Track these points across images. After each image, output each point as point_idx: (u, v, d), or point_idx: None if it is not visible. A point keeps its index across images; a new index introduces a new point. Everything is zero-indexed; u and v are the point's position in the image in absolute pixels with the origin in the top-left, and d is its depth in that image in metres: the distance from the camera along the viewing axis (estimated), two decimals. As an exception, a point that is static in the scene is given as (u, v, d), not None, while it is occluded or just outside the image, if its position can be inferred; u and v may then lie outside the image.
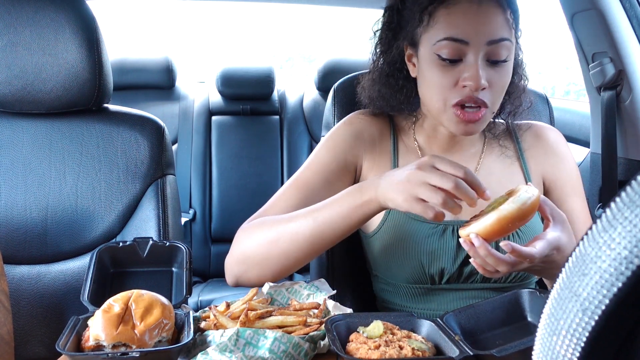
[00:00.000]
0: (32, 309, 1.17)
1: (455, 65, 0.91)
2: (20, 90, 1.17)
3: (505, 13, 0.90)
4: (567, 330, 0.27)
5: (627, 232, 0.24)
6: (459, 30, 0.89)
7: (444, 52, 0.91)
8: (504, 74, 0.92)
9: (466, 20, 0.89)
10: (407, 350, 0.73)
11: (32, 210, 1.20)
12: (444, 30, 0.91)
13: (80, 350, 0.76)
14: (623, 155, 1.38)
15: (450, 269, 0.98)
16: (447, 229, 0.98)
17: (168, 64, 2.59)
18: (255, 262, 0.96)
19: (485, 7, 0.89)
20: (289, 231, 0.93)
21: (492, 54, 0.90)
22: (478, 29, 0.89)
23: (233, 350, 0.74)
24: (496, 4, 0.90)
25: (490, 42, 0.89)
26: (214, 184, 2.49)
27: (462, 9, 0.90)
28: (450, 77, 0.91)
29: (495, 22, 0.89)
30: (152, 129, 1.24)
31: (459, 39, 0.89)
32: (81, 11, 1.17)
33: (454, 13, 0.90)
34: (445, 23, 0.91)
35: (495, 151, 1.07)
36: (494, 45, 0.89)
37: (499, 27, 0.89)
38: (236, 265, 0.99)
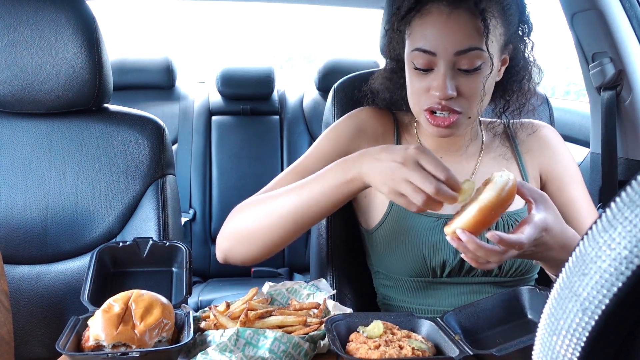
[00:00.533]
0: (32, 309, 1.17)
1: (427, 74, 0.94)
2: (20, 90, 1.17)
3: (477, 21, 0.89)
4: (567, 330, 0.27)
5: (627, 232, 0.24)
6: (427, 41, 0.92)
7: (416, 62, 0.94)
8: (476, 81, 0.93)
9: (434, 31, 0.91)
10: (407, 350, 0.73)
11: (32, 210, 1.20)
12: (416, 41, 0.93)
13: (80, 350, 0.76)
14: (623, 155, 1.38)
15: (452, 261, 0.99)
16: None
17: (168, 64, 2.59)
18: (243, 238, 0.97)
19: (454, 17, 0.90)
20: (275, 207, 0.93)
21: (461, 63, 0.91)
22: (445, 40, 0.90)
23: (233, 350, 0.74)
24: (467, 13, 0.90)
25: (458, 52, 0.90)
26: (214, 184, 2.49)
27: (432, 20, 0.91)
28: (423, 84, 0.95)
29: (462, 32, 0.90)
30: (152, 129, 1.24)
31: (427, 51, 0.92)
32: (81, 11, 1.17)
33: (426, 24, 0.92)
34: (417, 34, 0.93)
35: (494, 150, 1.09)
36: (462, 55, 0.90)
37: (466, 37, 0.90)
38: (225, 241, 0.99)
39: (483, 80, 0.93)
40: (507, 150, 1.09)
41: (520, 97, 1.04)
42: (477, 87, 0.93)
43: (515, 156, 1.09)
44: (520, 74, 1.02)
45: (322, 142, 1.08)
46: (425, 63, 0.93)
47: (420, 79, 0.95)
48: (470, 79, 0.93)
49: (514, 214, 1.01)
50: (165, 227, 1.21)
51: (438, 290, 1.02)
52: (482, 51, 0.90)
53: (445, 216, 0.99)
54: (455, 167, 1.05)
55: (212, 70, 2.65)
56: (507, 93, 1.04)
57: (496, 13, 0.92)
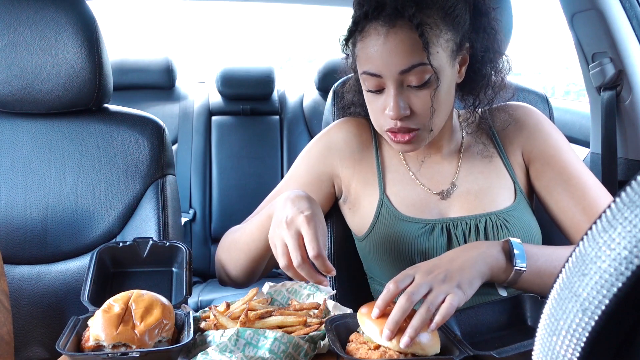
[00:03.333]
0: (32, 309, 1.17)
1: (380, 94, 0.93)
2: (20, 90, 1.17)
3: (415, 36, 0.86)
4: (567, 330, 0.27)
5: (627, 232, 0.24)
6: (371, 64, 0.90)
7: (367, 84, 0.93)
8: (428, 95, 0.90)
9: (375, 54, 0.89)
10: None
11: (32, 210, 1.20)
12: (362, 64, 0.92)
13: (80, 351, 0.76)
14: (623, 155, 1.38)
15: None
16: (436, 227, 0.98)
17: (168, 64, 2.59)
18: (223, 267, 1.08)
19: (392, 36, 0.87)
20: (235, 240, 1.04)
21: (408, 80, 0.89)
22: (387, 61, 0.88)
23: (233, 350, 0.74)
24: (404, 29, 0.86)
25: (402, 71, 0.88)
26: (214, 184, 2.49)
27: (372, 42, 0.89)
28: (378, 105, 0.94)
29: (401, 51, 0.87)
30: (152, 129, 1.24)
31: (373, 73, 0.90)
32: (81, 11, 1.17)
33: (367, 46, 0.90)
34: (362, 57, 0.92)
35: (474, 145, 1.06)
36: (408, 73, 0.88)
37: (407, 54, 0.87)
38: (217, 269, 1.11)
39: (436, 93, 0.91)
40: (487, 142, 1.06)
41: (488, 92, 1.01)
42: (434, 101, 0.91)
43: (496, 148, 1.06)
44: (482, 70, 0.98)
45: (297, 164, 1.12)
46: (374, 85, 0.92)
47: (375, 99, 0.94)
48: (422, 93, 0.91)
49: (502, 213, 0.98)
50: (165, 227, 1.21)
51: None
52: (427, 65, 0.88)
53: (434, 221, 0.99)
54: (438, 168, 1.04)
55: (212, 70, 2.65)
56: (474, 91, 1.01)
57: (438, 21, 0.88)
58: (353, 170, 1.07)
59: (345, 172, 1.07)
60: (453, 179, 1.03)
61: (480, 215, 0.99)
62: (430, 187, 1.03)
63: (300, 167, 1.11)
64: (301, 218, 0.83)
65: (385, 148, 1.09)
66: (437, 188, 1.03)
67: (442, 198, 1.02)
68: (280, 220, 0.86)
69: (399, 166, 1.06)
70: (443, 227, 0.98)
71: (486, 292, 1.00)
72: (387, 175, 1.06)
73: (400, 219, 1.00)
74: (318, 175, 1.08)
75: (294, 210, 0.85)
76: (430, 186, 1.03)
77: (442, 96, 0.92)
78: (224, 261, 1.07)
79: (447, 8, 0.89)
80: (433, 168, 1.05)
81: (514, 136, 1.06)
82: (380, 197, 1.03)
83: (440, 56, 0.89)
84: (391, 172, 1.06)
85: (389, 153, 1.08)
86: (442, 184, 1.03)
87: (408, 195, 1.03)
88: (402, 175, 1.05)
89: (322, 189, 1.08)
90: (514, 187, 1.02)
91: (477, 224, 0.98)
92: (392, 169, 1.06)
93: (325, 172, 1.08)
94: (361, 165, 1.07)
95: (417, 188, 1.03)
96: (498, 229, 0.97)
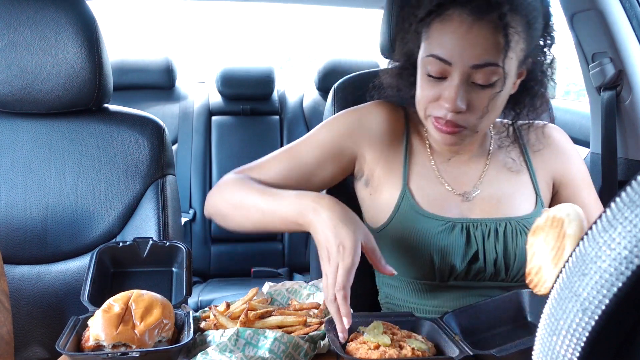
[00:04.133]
0: (32, 309, 1.17)
1: (439, 82, 0.91)
2: (21, 90, 1.17)
3: (498, 36, 0.86)
4: (567, 330, 0.27)
5: (627, 232, 0.24)
6: (444, 50, 0.88)
7: (430, 68, 0.91)
8: (488, 97, 0.90)
9: (453, 40, 0.87)
10: (407, 350, 0.73)
11: (32, 210, 1.20)
12: (432, 47, 0.90)
13: (80, 350, 0.76)
14: (623, 155, 1.38)
15: (460, 266, 0.98)
16: (456, 226, 0.98)
17: (168, 64, 2.59)
18: (220, 215, 1.02)
19: (476, 29, 0.86)
20: (245, 205, 0.96)
21: (476, 77, 0.88)
22: (463, 52, 0.87)
23: (233, 350, 0.74)
24: (489, 25, 0.86)
25: (475, 66, 0.87)
26: (214, 184, 2.49)
27: (453, 28, 0.87)
28: (434, 92, 0.92)
29: (481, 46, 0.86)
30: (152, 129, 1.24)
31: (443, 59, 0.88)
32: (81, 11, 1.17)
33: (445, 30, 0.88)
34: (435, 40, 0.90)
35: (502, 154, 1.07)
36: (478, 69, 0.87)
37: (485, 51, 0.86)
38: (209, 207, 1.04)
39: (496, 96, 0.90)
40: (516, 154, 1.07)
41: (531, 112, 1.01)
42: (490, 104, 0.90)
43: (526, 161, 1.06)
44: (534, 89, 0.99)
45: (321, 130, 1.06)
46: (439, 71, 0.90)
47: (432, 86, 0.92)
48: (483, 93, 0.90)
49: (522, 220, 0.99)
50: (165, 227, 1.21)
51: (443, 293, 1.01)
52: (499, 67, 0.87)
53: (454, 220, 0.98)
54: (463, 169, 1.04)
55: (212, 70, 2.65)
56: (518, 106, 1.01)
57: (520, 28, 0.87)
58: (380, 155, 1.04)
59: (372, 155, 1.04)
60: (477, 182, 1.03)
61: (501, 219, 0.99)
62: (454, 187, 1.02)
63: (323, 133, 1.06)
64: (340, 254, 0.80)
65: (414, 140, 1.06)
66: (461, 189, 1.02)
67: (464, 199, 1.01)
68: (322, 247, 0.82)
69: (426, 161, 1.04)
70: (463, 226, 0.98)
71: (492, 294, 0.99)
72: (412, 168, 1.04)
73: (421, 214, 0.99)
74: (341, 147, 1.04)
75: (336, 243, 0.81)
76: (453, 186, 1.02)
77: (499, 101, 0.92)
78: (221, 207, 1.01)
79: (531, 18, 0.89)
80: (459, 168, 1.04)
81: (548, 158, 1.06)
82: (403, 189, 1.01)
83: (512, 62, 0.89)
84: (417, 165, 1.04)
85: (418, 146, 1.06)
86: (466, 185, 1.03)
87: (431, 192, 1.01)
88: (428, 170, 1.03)
89: (340, 162, 1.05)
90: (536, 199, 1.03)
91: (497, 227, 0.98)
92: (418, 162, 1.04)
93: (350, 147, 1.04)
94: (389, 153, 1.04)
95: (440, 186, 1.02)
96: (517, 234, 0.97)
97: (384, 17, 1.23)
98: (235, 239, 2.49)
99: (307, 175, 1.03)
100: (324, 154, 1.04)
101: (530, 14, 0.89)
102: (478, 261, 0.97)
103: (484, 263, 0.97)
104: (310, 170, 1.03)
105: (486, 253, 0.97)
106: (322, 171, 1.04)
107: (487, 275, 0.99)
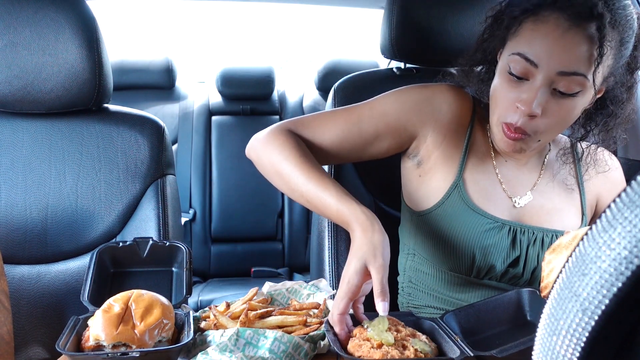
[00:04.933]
0: (32, 309, 1.17)
1: (520, 83, 0.88)
2: (20, 90, 1.17)
3: (592, 47, 0.82)
4: (567, 330, 0.27)
5: (627, 232, 0.24)
6: (533, 50, 0.86)
7: (513, 66, 0.88)
8: (567, 107, 0.87)
9: (544, 42, 0.85)
10: (409, 352, 0.73)
11: (32, 210, 1.20)
12: (521, 45, 0.87)
13: (80, 350, 0.76)
14: (623, 155, 1.38)
15: (500, 267, 0.97)
16: (504, 227, 0.97)
17: (168, 64, 2.59)
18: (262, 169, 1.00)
19: (571, 35, 0.83)
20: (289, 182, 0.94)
21: (559, 84, 0.85)
22: (552, 56, 0.84)
23: (233, 350, 0.74)
24: (584, 34, 0.82)
25: (561, 72, 0.84)
26: (214, 184, 2.49)
27: (546, 30, 0.85)
28: (512, 94, 0.89)
29: (573, 54, 0.83)
30: (152, 129, 1.24)
31: (530, 59, 0.86)
32: (81, 11, 1.17)
33: (537, 31, 0.86)
34: (525, 38, 0.87)
35: (557, 169, 1.05)
36: (564, 77, 0.84)
37: (575, 60, 0.83)
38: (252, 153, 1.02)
39: (574, 108, 0.88)
40: (570, 176, 1.05)
41: (602, 133, 0.99)
42: (565, 114, 0.88)
43: (578, 180, 1.05)
44: (609, 108, 0.95)
45: (387, 99, 1.03)
46: (522, 71, 0.87)
47: (511, 87, 0.89)
48: (562, 103, 0.87)
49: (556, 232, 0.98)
50: (165, 227, 1.21)
51: (473, 289, 1.01)
52: (586, 79, 0.84)
53: (503, 221, 0.97)
54: (518, 173, 1.02)
55: (212, 70, 2.65)
56: (589, 123, 0.99)
57: (613, 43, 0.85)
58: (443, 140, 1.01)
59: (434, 137, 1.01)
60: (530, 189, 1.02)
61: (549, 230, 0.98)
62: (507, 188, 1.01)
63: (390, 104, 1.02)
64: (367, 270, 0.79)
65: (477, 132, 1.04)
66: (513, 192, 1.01)
67: (516, 203, 1.00)
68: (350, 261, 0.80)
69: (486, 155, 1.02)
70: (511, 229, 0.97)
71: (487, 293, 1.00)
72: (470, 159, 1.01)
73: (470, 208, 0.97)
74: (405, 123, 1.01)
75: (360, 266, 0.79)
76: (507, 187, 1.01)
77: (574, 113, 0.90)
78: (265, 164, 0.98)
79: (625, 37, 0.86)
80: (514, 171, 1.03)
81: (598, 182, 1.06)
82: (457, 178, 0.99)
83: (598, 77, 0.86)
84: (476, 157, 1.02)
85: (480, 139, 1.03)
86: (519, 189, 1.01)
87: (485, 187, 1.00)
88: (486, 165, 1.02)
89: (400, 137, 1.02)
90: (582, 219, 1.03)
91: (544, 237, 0.97)
92: (478, 155, 1.02)
93: (414, 124, 1.01)
94: (451, 138, 1.01)
95: (495, 183, 1.01)
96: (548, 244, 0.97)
97: (384, 17, 1.24)
98: (235, 239, 2.49)
99: (364, 144, 1.01)
100: (386, 126, 1.01)
101: (626, 32, 0.86)
102: (518, 266, 0.97)
103: (523, 269, 0.97)
104: (367, 139, 1.01)
105: (528, 260, 0.97)
106: (380, 143, 1.01)
107: (523, 281, 0.99)
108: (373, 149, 1.02)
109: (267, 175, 0.99)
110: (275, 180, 0.98)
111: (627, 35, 0.87)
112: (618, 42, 0.86)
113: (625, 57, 0.89)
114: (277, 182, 0.98)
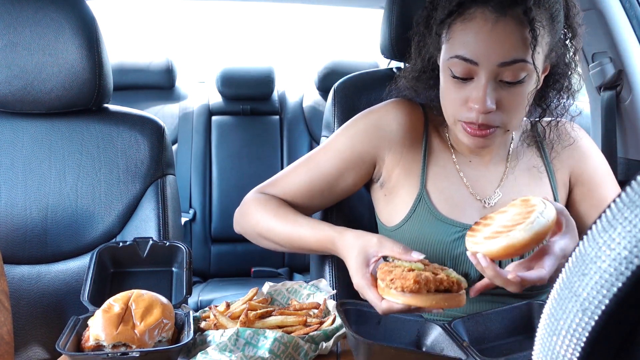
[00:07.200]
0: (32, 309, 1.17)
1: (466, 83, 0.88)
2: (20, 90, 1.17)
3: (524, 31, 0.83)
4: (567, 330, 0.27)
5: (627, 232, 0.24)
6: (469, 50, 0.86)
7: (455, 70, 0.88)
8: (518, 94, 0.88)
9: (478, 40, 0.85)
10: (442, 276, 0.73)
11: (32, 210, 1.20)
12: (456, 48, 0.88)
13: (80, 350, 0.76)
14: (623, 155, 1.38)
15: (474, 274, 0.95)
16: None
17: (168, 65, 2.59)
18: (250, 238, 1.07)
19: (501, 26, 0.83)
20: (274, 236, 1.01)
21: (504, 75, 0.86)
22: (489, 50, 0.84)
23: (233, 350, 0.74)
24: (514, 22, 0.83)
25: (502, 64, 0.84)
26: (214, 184, 2.49)
27: (476, 27, 0.85)
28: (461, 94, 0.89)
29: (508, 43, 0.84)
30: (152, 129, 1.24)
31: (469, 59, 0.86)
32: (81, 11, 1.17)
33: (468, 30, 0.86)
34: (458, 40, 0.87)
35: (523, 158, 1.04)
36: (506, 67, 0.85)
37: (512, 47, 0.84)
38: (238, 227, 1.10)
39: (525, 93, 0.88)
40: (535, 155, 1.04)
41: (559, 107, 0.99)
42: (519, 101, 0.88)
43: (544, 162, 1.03)
44: (560, 82, 0.96)
45: (339, 138, 1.04)
46: (464, 72, 0.87)
47: (458, 88, 0.89)
48: (512, 91, 0.87)
49: None
50: (165, 227, 1.21)
51: None
52: (528, 63, 0.85)
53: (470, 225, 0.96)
54: (484, 172, 1.01)
55: (212, 70, 2.65)
56: (544, 102, 0.99)
57: (545, 22, 0.85)
58: (400, 157, 1.01)
59: (391, 157, 1.02)
60: (497, 187, 1.00)
61: None
62: (474, 191, 0.99)
63: (342, 141, 1.04)
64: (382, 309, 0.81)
65: (434, 139, 1.03)
66: (481, 193, 1.00)
67: (485, 204, 0.99)
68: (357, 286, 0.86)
69: (447, 162, 1.01)
70: None
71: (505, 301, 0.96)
72: (431, 168, 1.01)
73: (438, 219, 0.97)
74: (361, 154, 1.02)
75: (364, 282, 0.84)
76: (474, 189, 1.00)
77: (528, 98, 0.90)
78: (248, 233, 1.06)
79: (554, 11, 0.87)
80: (479, 171, 1.01)
81: (566, 156, 1.04)
82: (420, 190, 0.99)
83: (539, 57, 0.87)
84: (437, 166, 1.01)
85: (439, 146, 1.03)
86: (487, 189, 1.00)
87: (451, 195, 0.99)
88: (449, 172, 1.01)
89: (361, 169, 1.03)
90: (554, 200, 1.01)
91: None
92: (438, 162, 1.01)
93: (370, 152, 1.02)
94: (408, 152, 1.02)
95: (461, 188, 1.00)
96: None
97: (384, 17, 1.23)
98: (235, 239, 2.49)
99: (329, 185, 1.03)
100: (344, 162, 1.02)
101: (553, 6, 0.87)
102: None
103: None
104: (331, 181, 1.03)
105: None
106: (344, 179, 1.03)
107: None
108: (340, 187, 1.04)
109: (256, 241, 1.06)
110: (263, 243, 1.05)
111: (555, 10, 0.87)
112: (549, 19, 0.86)
113: (559, 30, 0.90)
114: (265, 243, 1.04)
